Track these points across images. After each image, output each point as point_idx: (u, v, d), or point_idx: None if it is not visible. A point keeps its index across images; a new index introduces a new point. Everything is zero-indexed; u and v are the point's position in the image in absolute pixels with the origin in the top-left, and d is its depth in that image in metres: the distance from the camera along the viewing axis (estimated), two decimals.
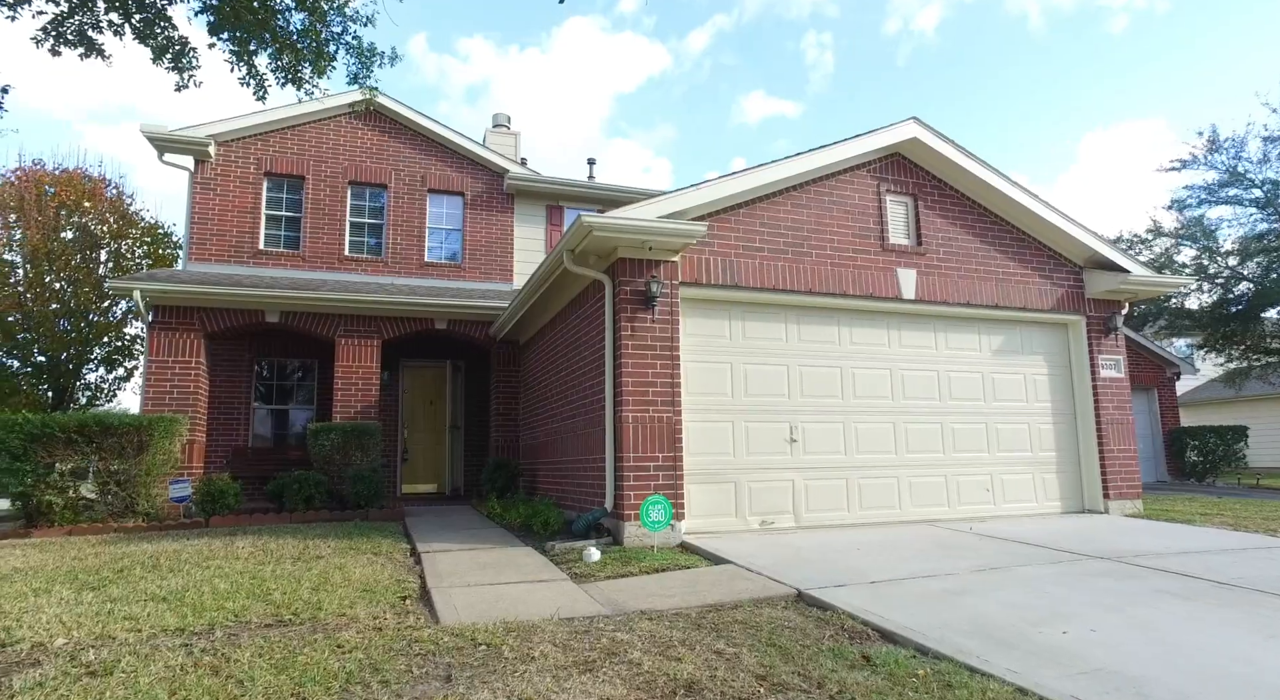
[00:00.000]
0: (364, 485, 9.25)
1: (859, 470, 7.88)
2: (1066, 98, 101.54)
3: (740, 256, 7.59)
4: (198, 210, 11.98)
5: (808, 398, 7.84)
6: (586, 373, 7.89)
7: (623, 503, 6.67)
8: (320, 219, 12.59)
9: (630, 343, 6.92)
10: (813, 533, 7.24)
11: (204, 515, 8.69)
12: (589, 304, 7.83)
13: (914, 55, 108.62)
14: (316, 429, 9.58)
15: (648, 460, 6.79)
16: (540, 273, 8.22)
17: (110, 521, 8.44)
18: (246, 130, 12.32)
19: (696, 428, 7.27)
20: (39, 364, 14.66)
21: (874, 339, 8.22)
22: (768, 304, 7.80)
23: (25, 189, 14.83)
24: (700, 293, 7.45)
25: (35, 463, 8.16)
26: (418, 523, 8.50)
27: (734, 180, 7.47)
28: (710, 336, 7.56)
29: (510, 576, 5.43)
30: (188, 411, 9.95)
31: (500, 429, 11.55)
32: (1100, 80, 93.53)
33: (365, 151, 13.06)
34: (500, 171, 13.67)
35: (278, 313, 10.62)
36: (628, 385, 6.84)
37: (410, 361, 12.90)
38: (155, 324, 10.09)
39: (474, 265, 13.32)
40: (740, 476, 7.43)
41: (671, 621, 4.10)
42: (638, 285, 7.02)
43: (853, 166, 8.19)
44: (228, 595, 4.48)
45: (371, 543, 6.81)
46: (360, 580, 5.02)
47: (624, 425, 6.77)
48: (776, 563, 5.69)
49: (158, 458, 8.75)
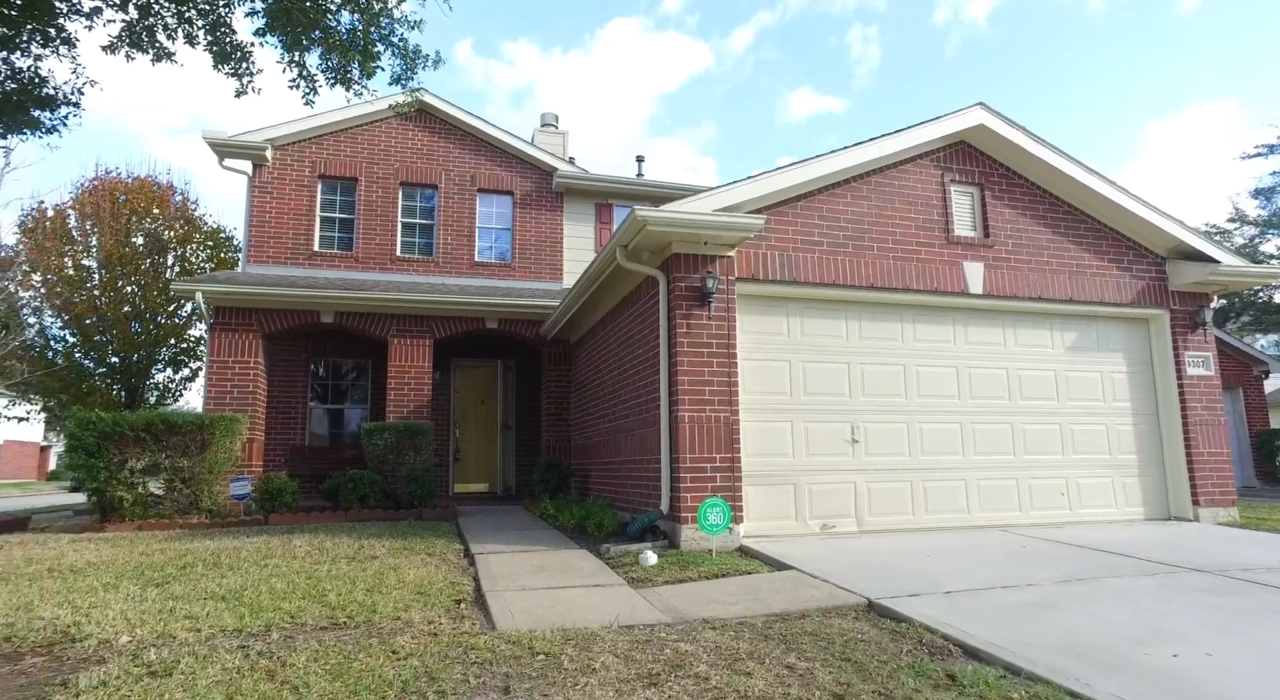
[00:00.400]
0: (417, 485, 9.27)
1: (924, 472, 7.54)
2: (1129, 84, 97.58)
3: (798, 251, 7.32)
4: (255, 213, 12.23)
5: (869, 397, 7.53)
6: (640, 372, 7.73)
7: (679, 505, 6.49)
8: (372, 220, 12.73)
9: (685, 340, 6.73)
10: (876, 537, 6.94)
11: (263, 513, 8.82)
12: (642, 301, 7.67)
13: (964, 45, 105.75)
14: (370, 428, 9.64)
15: (704, 461, 6.59)
16: (592, 270, 8.09)
17: (176, 518, 8.63)
18: (301, 134, 12.53)
19: (754, 428, 7.04)
20: (113, 365, 15.20)
21: (939, 335, 7.86)
22: (827, 300, 7.51)
23: (101, 197, 15.41)
24: (757, 289, 7.22)
25: (108, 460, 8.39)
26: (470, 523, 8.47)
27: (791, 172, 7.21)
28: (768, 334, 7.32)
29: (566, 580, 5.29)
30: (247, 411, 10.14)
31: (551, 429, 11.48)
32: (1165, 64, 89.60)
33: (416, 152, 13.16)
34: (549, 170, 13.63)
35: (332, 313, 10.75)
36: (683, 384, 6.65)
37: (461, 361, 12.95)
38: (216, 325, 10.31)
39: (523, 264, 13.30)
40: (800, 478, 7.18)
41: (736, 631, 3.90)
42: (692, 281, 6.82)
43: (915, 156, 7.84)
44: (284, 595, 4.45)
45: (425, 543, 6.77)
46: (414, 582, 4.95)
47: (680, 425, 6.59)
48: (842, 569, 5.43)
49: (219, 456, 8.92)
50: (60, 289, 14.56)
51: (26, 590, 4.81)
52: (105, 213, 15.09)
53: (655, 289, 7.13)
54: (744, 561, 5.94)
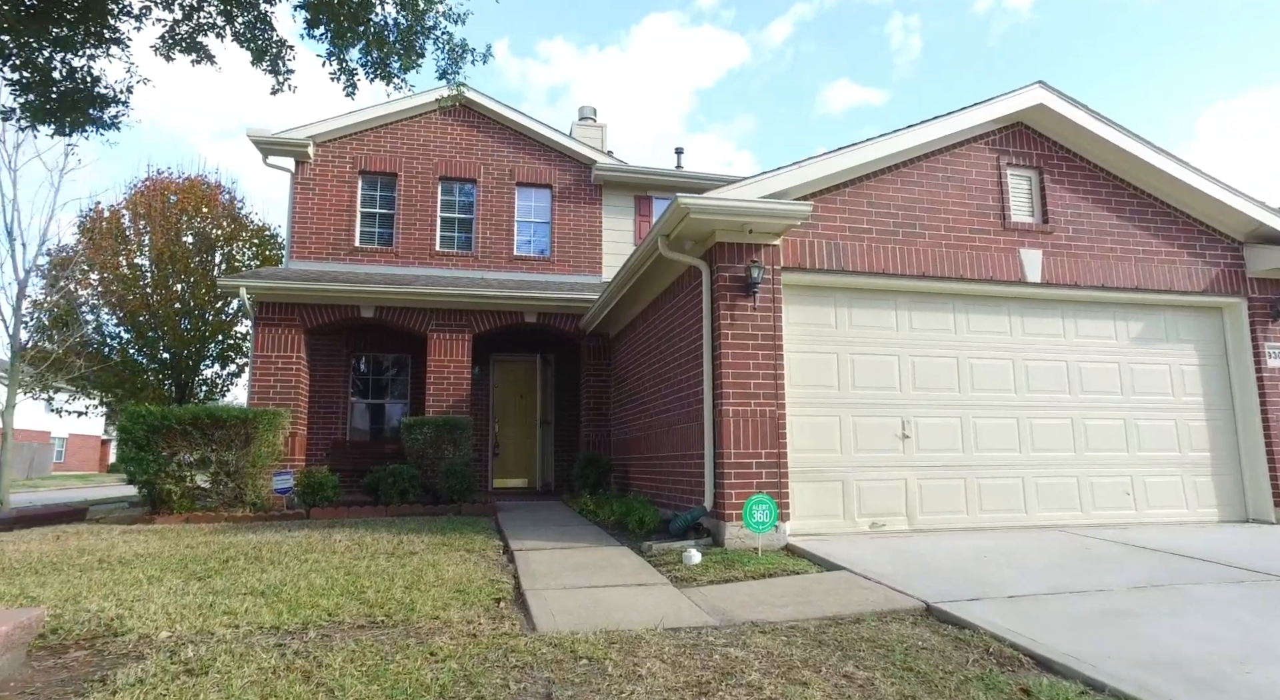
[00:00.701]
0: (456, 480, 9.23)
1: (978, 469, 7.20)
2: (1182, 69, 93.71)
3: (846, 239, 7.05)
4: (298, 210, 12.35)
5: (921, 390, 7.22)
6: (682, 365, 7.55)
7: (723, 502, 6.29)
8: (412, 215, 12.75)
9: (730, 332, 6.52)
10: (929, 536, 6.64)
11: (305, 506, 8.88)
12: (684, 292, 7.47)
13: (1008, 33, 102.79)
14: (409, 423, 9.64)
15: (749, 457, 6.37)
16: (632, 261, 7.92)
17: (221, 510, 8.74)
18: (342, 130, 12.60)
19: (801, 422, 6.80)
20: (164, 360, 15.57)
21: (994, 326, 7.50)
22: (877, 289, 7.22)
23: (153, 197, 15.77)
24: (803, 278, 6.96)
25: (156, 453, 8.54)
26: (509, 518, 8.39)
27: (839, 157, 6.93)
28: (815, 325, 7.06)
29: (608, 579, 5.14)
30: (290, 405, 10.23)
31: (591, 424, 11.37)
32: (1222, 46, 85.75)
33: (455, 147, 13.14)
34: (587, 163, 13.50)
35: (372, 308, 10.78)
36: (727, 377, 6.44)
37: (500, 356, 12.92)
38: (259, 320, 10.42)
39: (562, 258, 13.20)
40: (848, 475, 6.91)
41: (789, 636, 3.69)
42: (737, 271, 6.60)
43: (969, 139, 7.48)
44: (323, 592, 4.38)
45: (464, 539, 6.70)
46: (453, 579, 4.85)
47: (724, 420, 6.38)
48: (896, 570, 5.17)
49: (263, 450, 9.00)
50: (115, 287, 14.95)
51: (77, 581, 4.84)
52: (157, 212, 15.43)
53: (698, 279, 6.93)
54: (791, 561, 5.72)
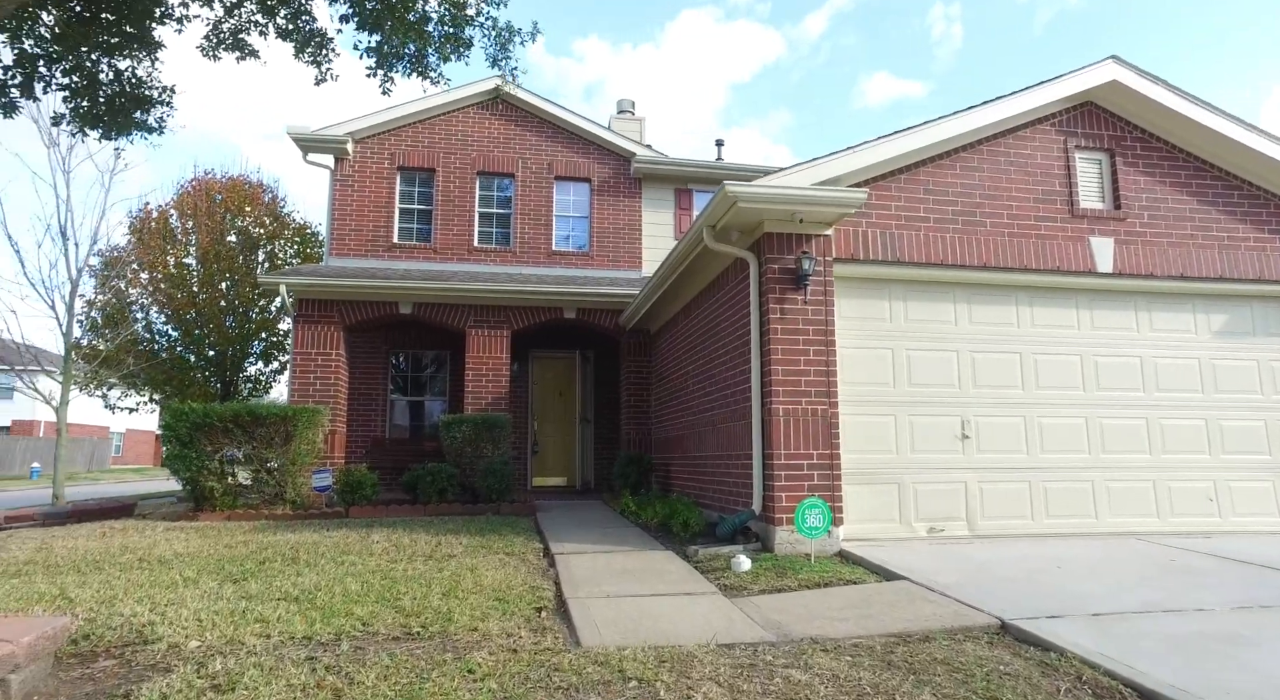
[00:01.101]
0: (495, 478, 9.07)
1: (1044, 472, 6.77)
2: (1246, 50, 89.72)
3: (901, 228, 6.67)
4: (337, 207, 12.34)
5: (981, 388, 6.81)
6: (727, 361, 7.25)
7: (773, 505, 5.99)
8: (450, 210, 12.65)
9: (779, 327, 6.20)
10: (992, 543, 6.25)
11: (344, 505, 8.80)
12: (730, 285, 7.17)
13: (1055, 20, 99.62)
14: (448, 421, 9.51)
15: (800, 458, 6.05)
16: (676, 254, 7.64)
17: (262, 508, 8.71)
18: (380, 126, 12.55)
19: (854, 421, 6.45)
20: (209, 358, 15.79)
21: (1060, 320, 7.04)
22: (934, 281, 6.83)
23: (199, 197, 16.00)
24: (856, 270, 6.61)
25: (199, 450, 8.54)
26: (549, 519, 8.19)
27: (894, 141, 6.56)
28: (868, 319, 6.71)
29: (653, 586, 4.89)
30: (329, 402, 10.19)
31: (631, 422, 11.13)
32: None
33: (493, 141, 13.00)
34: (627, 155, 13.24)
35: (410, 304, 10.69)
36: (777, 374, 6.13)
37: (539, 352, 12.76)
38: (299, 317, 10.41)
39: (602, 253, 12.98)
40: (904, 477, 6.55)
41: (854, 657, 3.39)
42: (786, 262, 6.28)
43: (1034, 121, 7.03)
44: (358, 598, 4.21)
45: (504, 541, 6.51)
46: (492, 586, 4.65)
47: (773, 418, 6.07)
48: (962, 581, 4.82)
49: (302, 447, 8.95)
50: (164, 286, 15.19)
51: (115, 582, 4.76)
52: (203, 212, 15.64)
53: (745, 272, 6.62)
54: (847, 568, 5.40)
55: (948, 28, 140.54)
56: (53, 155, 10.81)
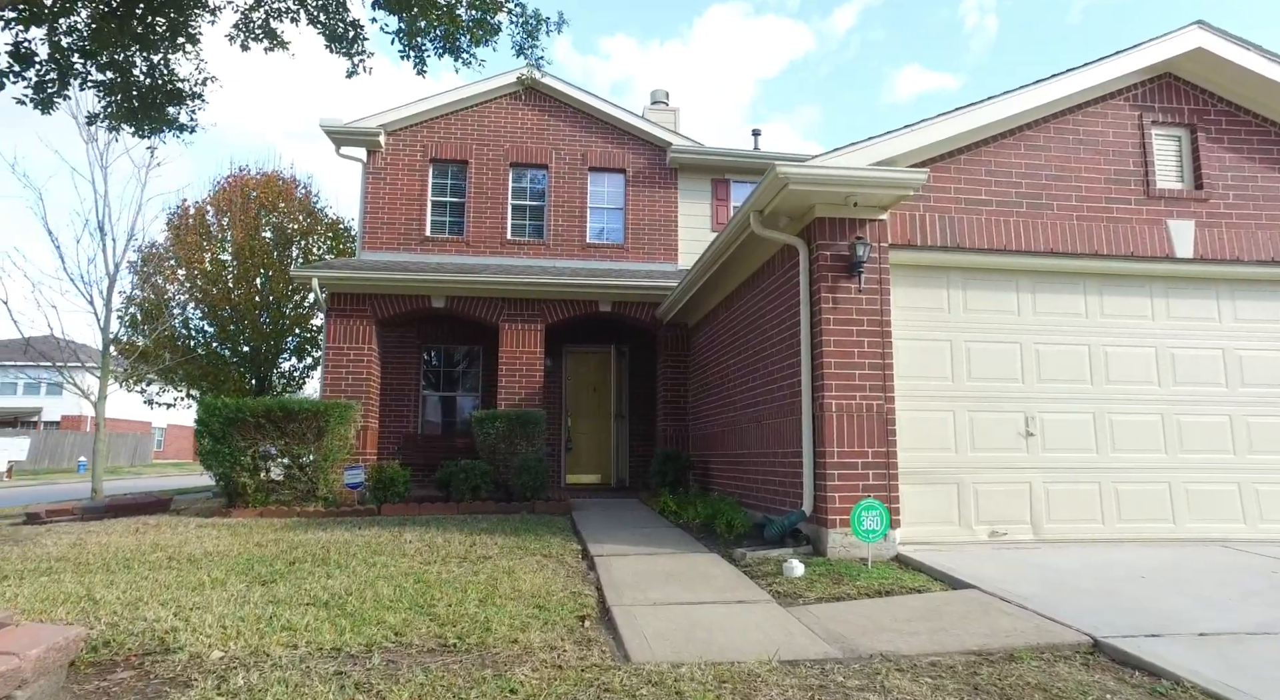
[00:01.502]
0: (529, 476, 8.82)
1: (1115, 472, 6.30)
2: None
3: (962, 212, 6.25)
4: (370, 200, 12.20)
5: (1047, 382, 6.36)
6: (774, 354, 6.89)
7: (825, 506, 5.62)
8: (483, 203, 12.44)
9: (832, 317, 5.83)
10: (1060, 549, 5.81)
11: (376, 502, 8.63)
12: (777, 274, 6.81)
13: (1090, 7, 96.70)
14: (481, 417, 9.29)
15: (855, 456, 5.68)
16: (720, 241, 7.28)
17: (294, 505, 8.58)
18: (412, 118, 12.39)
19: (911, 418, 6.06)
20: (244, 354, 15.82)
21: (1133, 310, 6.55)
22: (996, 269, 6.39)
23: (234, 193, 16.04)
24: (913, 257, 6.21)
25: (232, 445, 8.43)
26: (585, 518, 7.92)
27: (954, 119, 6.13)
28: (925, 309, 6.30)
29: (701, 593, 4.57)
30: (361, 398, 10.04)
31: (668, 418, 10.81)
32: None
33: (525, 132, 12.76)
34: (662, 145, 12.91)
35: (443, 298, 10.49)
36: (829, 367, 5.76)
37: (573, 347, 12.50)
38: (331, 311, 10.27)
39: (637, 245, 12.67)
40: (963, 476, 6.14)
41: (934, 679, 3.04)
42: (839, 249, 5.90)
43: (1106, 95, 6.54)
44: (390, 605, 3.96)
45: (540, 541, 6.25)
46: (531, 591, 4.37)
47: (826, 414, 5.71)
48: (1037, 591, 4.42)
49: (334, 443, 8.80)
50: (200, 282, 15.24)
51: (142, 583, 4.59)
52: (238, 208, 15.67)
53: (794, 259, 6.26)
54: (908, 575, 5.03)
55: (981, 19, 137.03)
56: (90, 151, 10.81)
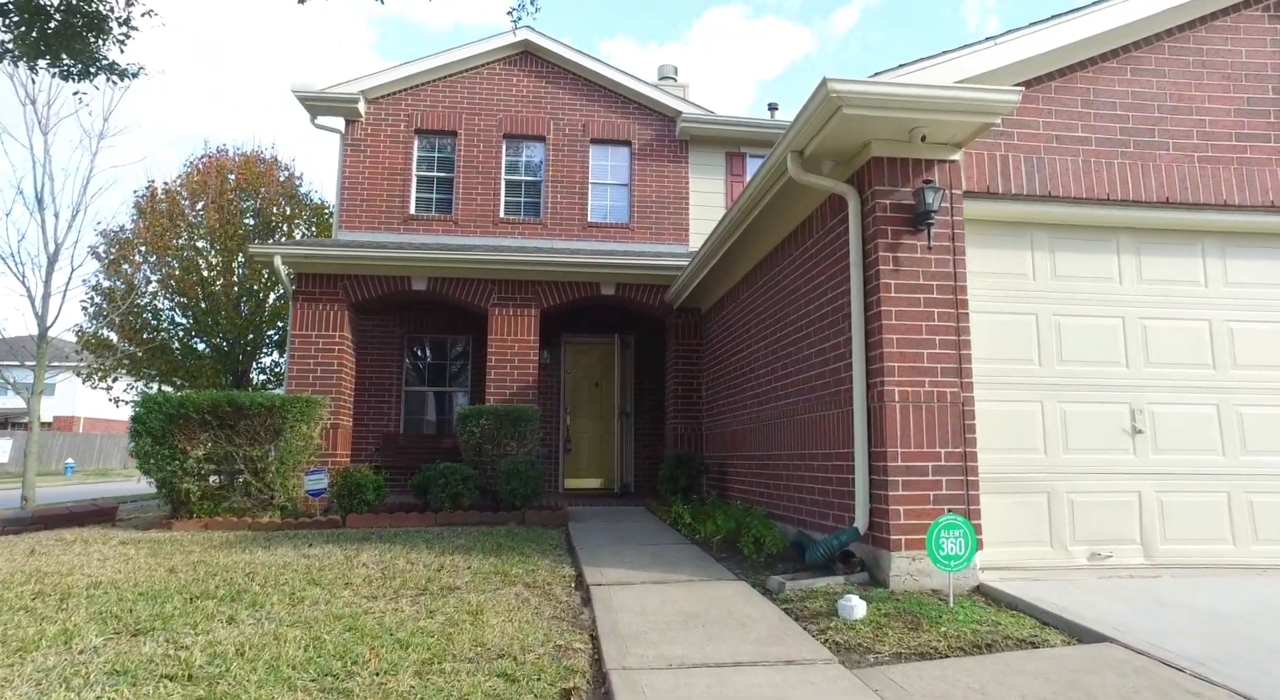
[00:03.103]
0: (519, 481, 7.58)
1: (1249, 480, 5.02)
2: None
3: (1052, 151, 4.99)
4: (348, 175, 11.00)
5: (1157, 367, 5.09)
6: (813, 335, 5.63)
7: (887, 523, 4.37)
8: (473, 178, 11.23)
9: (893, 282, 4.58)
10: (1191, 579, 4.55)
11: (341, 512, 7.41)
12: (818, 235, 5.56)
13: None
14: (465, 413, 8.06)
15: (924, 458, 4.43)
16: (744, 200, 6.01)
17: (247, 516, 7.38)
18: (396, 84, 11.19)
19: (989, 410, 4.81)
20: (221, 347, 14.64)
21: (1269, 275, 5.27)
22: (1092, 225, 5.13)
23: (208, 175, 14.88)
24: (990, 209, 4.96)
25: (174, 447, 7.24)
26: (583, 530, 6.68)
27: (1042, 33, 4.88)
28: (1004, 275, 5.04)
29: (734, 646, 3.32)
30: (331, 392, 8.83)
31: (678, 415, 9.55)
32: None
33: (520, 100, 11.55)
34: (671, 115, 11.67)
35: (425, 279, 9.27)
36: (890, 345, 4.51)
37: (573, 337, 11.26)
38: (298, 294, 9.06)
39: (643, 225, 11.43)
40: (1055, 484, 4.87)
41: None
42: (901, 197, 4.65)
43: (1233, 5, 5.27)
44: (287, 676, 2.71)
45: (525, 563, 5.02)
46: (499, 645, 3.13)
47: (887, 406, 4.45)
48: (1207, 650, 3.16)
49: (294, 444, 7.59)
50: (172, 269, 14.07)
51: None
52: (213, 190, 14.51)
53: (841, 213, 5.01)
54: (1005, 617, 3.77)
55: (983, 19, 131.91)
56: (28, 112, 9.64)
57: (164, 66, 48.71)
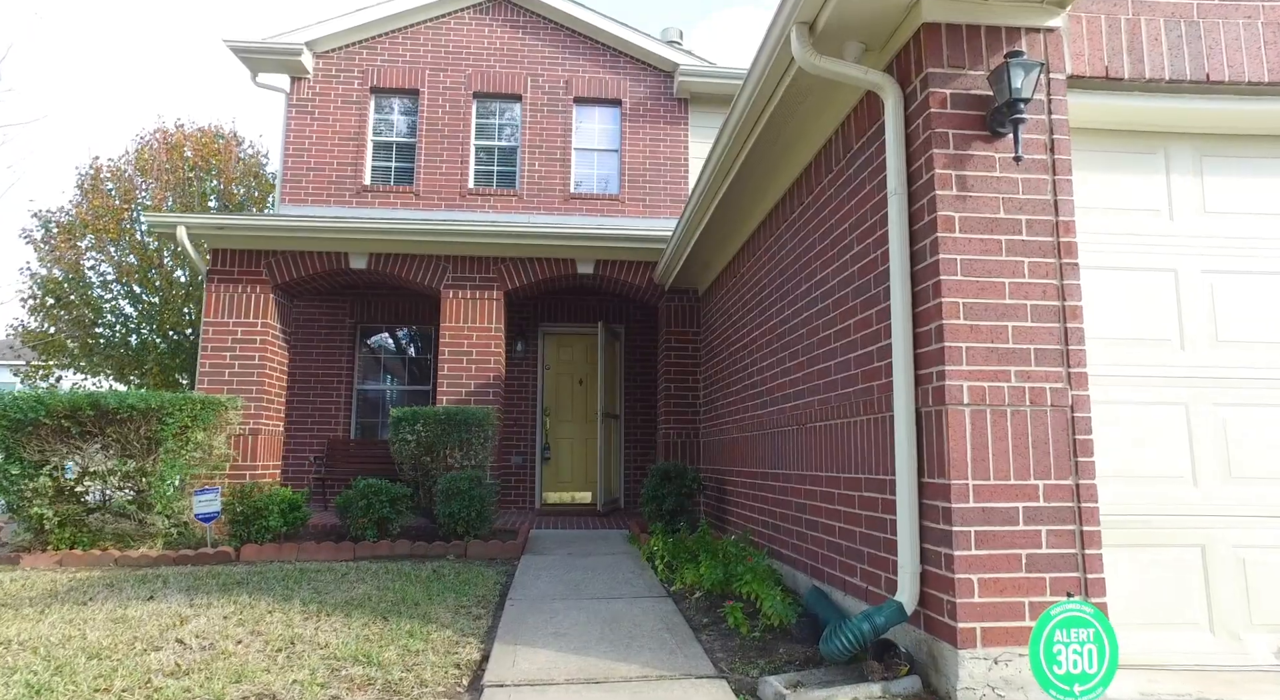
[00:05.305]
0: (460, 503, 5.97)
1: None
2: None
3: (1211, 12, 3.25)
4: (292, 140, 9.50)
5: None
6: (833, 306, 3.94)
7: (952, 600, 2.67)
8: (438, 144, 9.66)
9: (957, 216, 2.89)
10: None
11: (235, 542, 5.87)
12: (840, 165, 3.88)
13: None
14: (399, 417, 6.47)
15: (1010, 495, 2.74)
16: (737, 117, 4.28)
17: (119, 546, 5.88)
18: (348, 34, 9.66)
19: (1105, 416, 3.10)
20: (175, 341, 13.24)
21: None
22: (1260, 135, 3.40)
23: (159, 152, 13.50)
24: (1106, 108, 3.24)
25: (20, 460, 5.75)
26: (533, 571, 5.06)
27: None
28: (1126, 211, 3.33)
29: None
30: (251, 390, 7.30)
31: (672, 419, 7.87)
32: None
33: (494, 53, 9.96)
34: (668, 68, 10.03)
35: (364, 255, 7.70)
36: (954, 314, 2.82)
37: (553, 327, 9.64)
38: (213, 273, 7.54)
39: (635, 196, 9.79)
40: (1212, 532, 3.15)
41: None
42: (970, 83, 2.97)
43: None
44: None
45: (416, 636, 3.45)
46: None
47: (948, 411, 2.77)
48: None
49: (185, 456, 6.06)
50: (124, 253, 12.69)
51: None
52: (163, 167, 13.12)
53: (876, 123, 3.33)
54: None
55: None
56: None
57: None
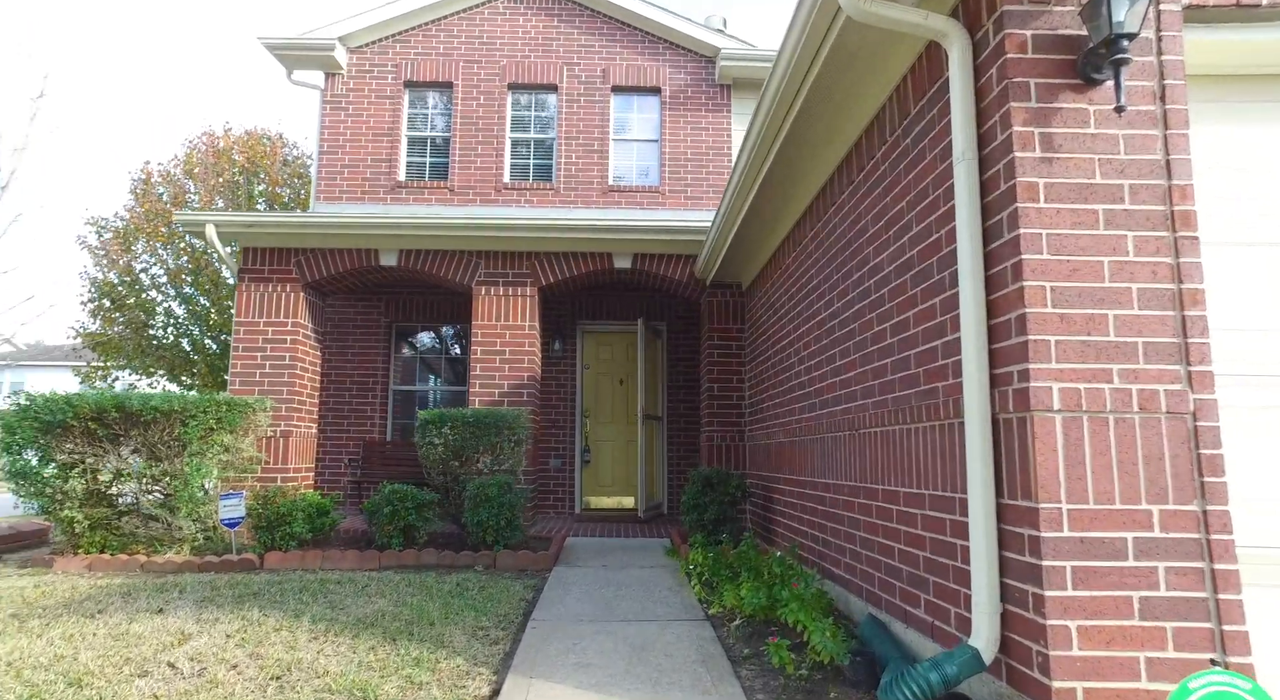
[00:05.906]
0: (489, 511, 5.65)
1: None
2: None
3: None
4: (327, 137, 9.36)
5: None
6: (889, 296, 3.45)
7: (1045, 651, 2.18)
8: (472, 138, 9.41)
9: (1042, 182, 2.39)
10: None
11: (260, 548, 5.67)
12: (897, 134, 3.38)
13: None
14: (426, 419, 6.19)
15: (1115, 523, 2.23)
16: (778, 83, 3.82)
17: (148, 550, 5.76)
18: (381, 28, 9.48)
19: (1243, 425, 2.55)
20: (225, 343, 13.40)
21: None
22: None
23: (207, 155, 13.68)
24: (1231, 47, 2.68)
25: (50, 463, 5.68)
26: (564, 585, 4.70)
27: None
28: (1258, 172, 2.76)
29: None
30: (282, 391, 7.15)
31: (715, 420, 7.42)
32: None
33: (528, 44, 9.65)
34: (709, 53, 9.56)
35: (394, 252, 7.46)
36: (1038, 302, 2.33)
37: (590, 325, 9.29)
38: (244, 272, 7.42)
39: (676, 188, 9.36)
40: None
41: None
42: (1054, 22, 2.46)
43: None
44: None
45: (424, 663, 3.13)
46: None
47: (1033, 419, 2.27)
48: None
49: (211, 459, 5.90)
50: (167, 257, 12.89)
51: None
52: (209, 171, 13.27)
53: (939, 80, 2.84)
54: None
55: None
56: None
57: None
